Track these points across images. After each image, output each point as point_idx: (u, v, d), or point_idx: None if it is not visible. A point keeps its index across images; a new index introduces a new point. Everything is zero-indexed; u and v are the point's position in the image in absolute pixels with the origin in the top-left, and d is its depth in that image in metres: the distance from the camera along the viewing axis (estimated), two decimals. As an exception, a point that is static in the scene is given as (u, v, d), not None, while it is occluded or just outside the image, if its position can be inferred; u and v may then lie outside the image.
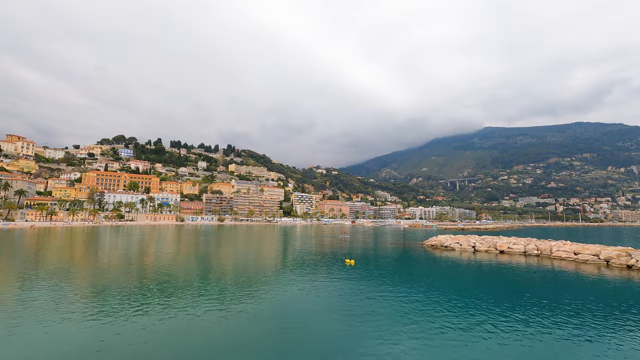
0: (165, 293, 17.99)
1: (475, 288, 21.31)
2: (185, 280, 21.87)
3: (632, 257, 29.13)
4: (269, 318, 14.19)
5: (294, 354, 10.59)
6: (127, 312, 14.38)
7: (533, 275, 26.33)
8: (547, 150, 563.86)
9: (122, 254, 36.38)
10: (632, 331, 12.90)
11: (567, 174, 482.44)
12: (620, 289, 20.81)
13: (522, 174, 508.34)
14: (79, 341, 11.29)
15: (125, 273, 24.25)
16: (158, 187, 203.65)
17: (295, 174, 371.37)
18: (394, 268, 30.05)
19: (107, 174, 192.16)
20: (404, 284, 21.63)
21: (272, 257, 37.79)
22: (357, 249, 45.65)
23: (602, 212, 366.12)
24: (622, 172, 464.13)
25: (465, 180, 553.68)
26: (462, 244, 44.25)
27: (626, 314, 15.23)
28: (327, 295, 18.39)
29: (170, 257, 35.05)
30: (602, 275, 25.70)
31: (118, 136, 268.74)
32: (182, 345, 11.08)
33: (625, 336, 12.33)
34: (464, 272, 27.93)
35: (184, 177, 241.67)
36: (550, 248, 37.07)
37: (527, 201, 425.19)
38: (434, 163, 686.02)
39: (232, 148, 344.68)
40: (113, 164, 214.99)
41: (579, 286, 21.85)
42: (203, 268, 28.15)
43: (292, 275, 24.48)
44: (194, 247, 47.28)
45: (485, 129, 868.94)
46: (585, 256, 32.57)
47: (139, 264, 29.62)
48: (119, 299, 16.48)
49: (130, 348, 10.79)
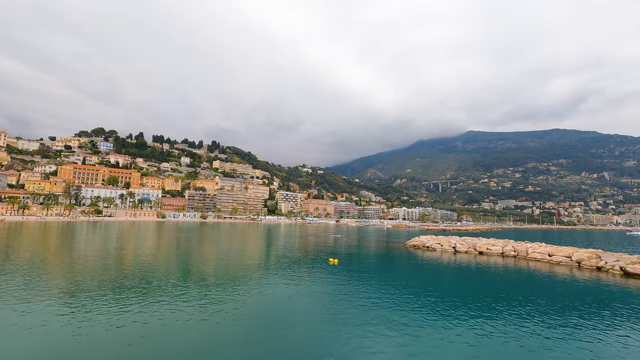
0: (144, 291, 17.51)
1: (454, 288, 21.78)
2: (165, 278, 21.36)
3: (602, 259, 30.55)
4: (250, 317, 14.04)
5: (276, 352, 10.51)
6: (104, 311, 13.90)
7: (510, 275, 27.17)
8: (526, 155, 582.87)
9: (99, 250, 35.16)
10: (600, 328, 13.52)
11: (543, 179, 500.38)
12: (590, 290, 21.74)
13: (501, 178, 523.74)
14: (53, 341, 10.83)
15: (102, 270, 23.45)
16: (139, 182, 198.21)
17: (280, 172, 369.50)
18: (377, 268, 30.35)
19: (85, 167, 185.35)
20: (386, 284, 21.88)
21: (255, 255, 37.45)
22: (340, 249, 45.86)
23: (576, 216, 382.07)
24: (595, 178, 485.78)
25: (447, 183, 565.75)
26: (443, 244, 45.18)
27: (595, 313, 15.92)
28: (310, 294, 18.37)
29: (150, 254, 34.16)
30: (573, 276, 26.78)
31: (97, 129, 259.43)
32: (161, 344, 10.81)
33: (593, 333, 12.91)
34: (444, 272, 28.51)
35: (166, 172, 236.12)
36: (526, 250, 38.36)
37: (506, 204, 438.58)
38: (418, 165, 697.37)
39: (216, 144, 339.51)
40: (91, 158, 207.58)
41: (552, 286, 22.69)
42: (183, 266, 27.58)
43: (275, 273, 24.34)
44: (175, 245, 46.28)
45: (468, 133, 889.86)
46: (559, 258, 33.89)
47: (117, 261, 28.71)
48: (94, 298, 15.91)
49: (107, 347, 10.44)
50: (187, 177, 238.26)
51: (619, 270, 27.95)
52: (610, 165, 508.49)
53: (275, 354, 10.40)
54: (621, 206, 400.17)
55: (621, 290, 21.78)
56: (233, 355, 10.31)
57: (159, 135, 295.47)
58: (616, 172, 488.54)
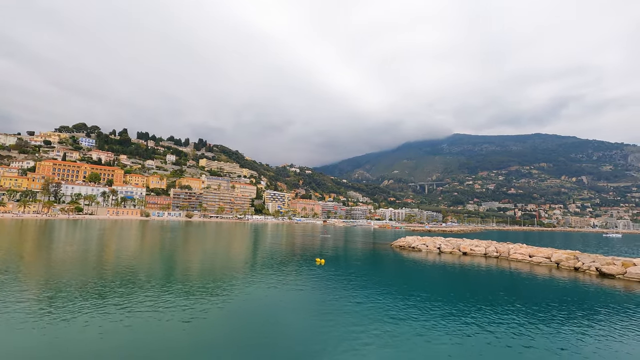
0: (127, 292, 17.07)
1: (439, 288, 22.13)
2: (148, 278, 20.89)
3: (579, 260, 31.64)
4: (235, 317, 13.89)
5: (261, 352, 10.43)
6: (83, 312, 13.46)
7: (492, 276, 27.82)
8: (509, 159, 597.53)
9: (78, 249, 34.08)
10: (578, 327, 14.01)
11: (525, 182, 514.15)
12: (568, 290, 22.48)
13: (485, 180, 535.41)
14: (30, 345, 10.41)
15: (81, 270, 22.74)
16: (122, 180, 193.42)
17: (268, 172, 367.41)
18: (363, 268, 30.53)
19: (65, 163, 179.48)
20: (372, 284, 22.03)
21: (242, 255, 37.09)
22: (327, 249, 45.93)
23: (555, 218, 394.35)
24: (574, 181, 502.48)
25: (433, 184, 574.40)
26: (429, 245, 45.85)
27: (573, 312, 16.47)
28: (296, 294, 18.32)
29: (132, 254, 33.36)
30: (553, 276, 27.63)
31: (79, 124, 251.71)
32: (144, 345, 10.56)
33: (571, 331, 13.35)
34: (429, 273, 28.93)
35: (151, 170, 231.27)
36: (508, 250, 39.34)
37: (489, 206, 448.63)
38: (405, 166, 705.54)
39: (203, 142, 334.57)
40: (72, 154, 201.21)
41: (533, 287, 23.36)
42: (168, 266, 27.05)
43: (261, 273, 24.16)
44: (159, 244, 45.34)
45: (454, 136, 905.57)
46: (539, 258, 34.90)
47: (97, 261, 27.89)
48: (74, 298, 15.41)
49: (88, 348, 10.12)
50: (172, 175, 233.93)
51: (595, 271, 28.98)
52: (588, 169, 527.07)
53: (260, 354, 10.31)
54: (598, 209, 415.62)
55: (597, 290, 22.61)
56: (218, 356, 10.17)
57: (143, 132, 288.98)
58: (594, 176, 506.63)
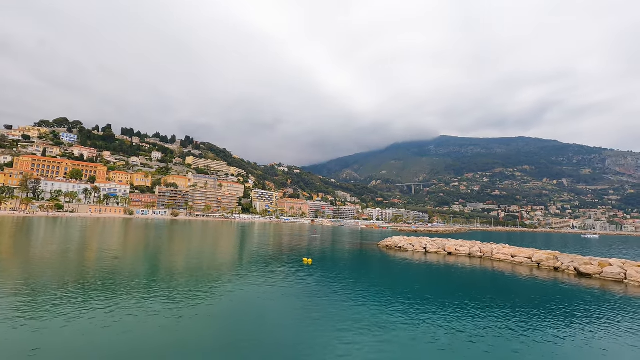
0: (110, 292, 16.62)
1: (424, 288, 22.45)
2: (132, 278, 20.42)
3: (559, 260, 32.65)
4: (220, 318, 13.71)
5: (247, 353, 10.33)
6: (61, 312, 13.03)
7: (476, 276, 28.41)
8: (493, 161, 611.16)
9: (58, 248, 33.01)
10: (557, 324, 14.44)
11: (509, 184, 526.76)
12: (548, 289, 23.16)
13: (471, 182, 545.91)
14: (9, 345, 10.04)
15: (61, 269, 22.04)
16: (105, 177, 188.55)
17: (256, 171, 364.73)
18: (350, 267, 30.67)
19: (45, 159, 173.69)
20: (359, 283, 22.14)
21: (228, 254, 36.69)
22: (315, 248, 45.94)
23: (537, 219, 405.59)
24: (555, 184, 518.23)
25: (420, 185, 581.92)
26: (415, 245, 46.43)
27: (553, 311, 16.96)
28: (282, 294, 18.23)
29: (114, 252, 32.53)
30: (534, 276, 28.41)
31: (60, 118, 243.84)
32: (126, 347, 10.29)
33: (551, 329, 13.74)
34: (415, 273, 29.30)
35: (136, 167, 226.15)
36: (491, 251, 40.24)
37: (474, 207, 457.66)
38: (393, 167, 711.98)
39: (190, 140, 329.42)
40: (53, 149, 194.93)
41: (515, 286, 23.98)
42: (151, 265, 26.50)
43: (248, 273, 23.95)
44: (143, 243, 44.39)
45: (441, 137, 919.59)
46: (521, 259, 35.83)
47: (79, 259, 27.07)
48: (55, 298, 14.89)
49: (69, 350, 9.80)
50: (158, 172, 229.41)
51: (573, 271, 29.96)
52: (568, 172, 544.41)
53: (246, 355, 10.21)
54: (577, 211, 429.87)
55: (575, 289, 23.37)
56: (202, 357, 10.01)
57: (128, 128, 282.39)
58: (573, 179, 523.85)
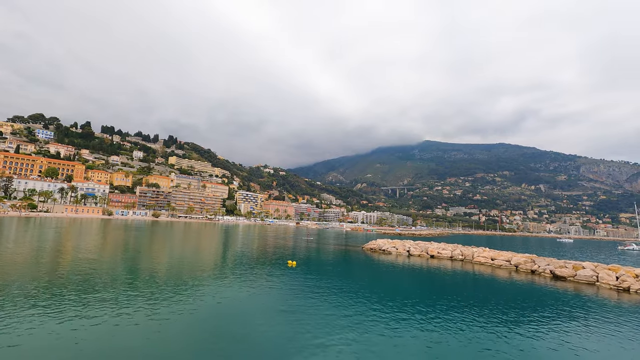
0: (86, 294, 15.98)
1: (407, 290, 22.72)
2: (110, 280, 19.71)
3: (536, 263, 33.76)
4: (202, 322, 13.39)
5: (231, 354, 10.14)
6: (33, 317, 12.42)
7: (457, 278, 28.97)
8: (475, 166, 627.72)
9: (30, 249, 31.55)
10: (534, 325, 14.89)
11: (489, 188, 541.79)
12: (525, 291, 23.89)
13: (453, 186, 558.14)
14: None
15: (35, 271, 21.04)
16: (83, 176, 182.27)
17: (241, 172, 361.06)
18: (334, 270, 30.69)
19: (19, 156, 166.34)
20: (343, 286, 22.17)
21: (211, 257, 36.03)
22: (299, 251, 45.76)
23: (516, 224, 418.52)
24: (533, 189, 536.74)
25: (404, 189, 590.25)
26: (398, 248, 46.97)
27: (530, 312, 17.48)
28: (266, 297, 18.05)
29: (92, 253, 31.36)
30: (512, 278, 29.24)
31: (36, 114, 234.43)
32: (105, 351, 9.91)
33: (528, 329, 14.17)
34: (398, 275, 29.61)
35: (116, 166, 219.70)
36: (472, 254, 41.18)
37: (456, 211, 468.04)
38: (378, 170, 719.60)
39: (174, 139, 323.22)
40: (27, 146, 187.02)
41: (494, 288, 24.61)
42: (129, 267, 25.66)
43: (231, 275, 23.58)
44: (122, 244, 43.01)
45: (425, 142, 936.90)
46: (500, 262, 36.81)
47: (52, 260, 25.94)
48: (23, 303, 14.19)
49: (43, 355, 9.33)
50: (139, 172, 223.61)
51: (549, 274, 31.02)
52: (545, 178, 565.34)
53: (228, 356, 10.03)
54: (553, 215, 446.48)
55: (551, 291, 24.18)
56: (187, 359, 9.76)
57: (108, 126, 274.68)
58: (550, 185, 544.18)
